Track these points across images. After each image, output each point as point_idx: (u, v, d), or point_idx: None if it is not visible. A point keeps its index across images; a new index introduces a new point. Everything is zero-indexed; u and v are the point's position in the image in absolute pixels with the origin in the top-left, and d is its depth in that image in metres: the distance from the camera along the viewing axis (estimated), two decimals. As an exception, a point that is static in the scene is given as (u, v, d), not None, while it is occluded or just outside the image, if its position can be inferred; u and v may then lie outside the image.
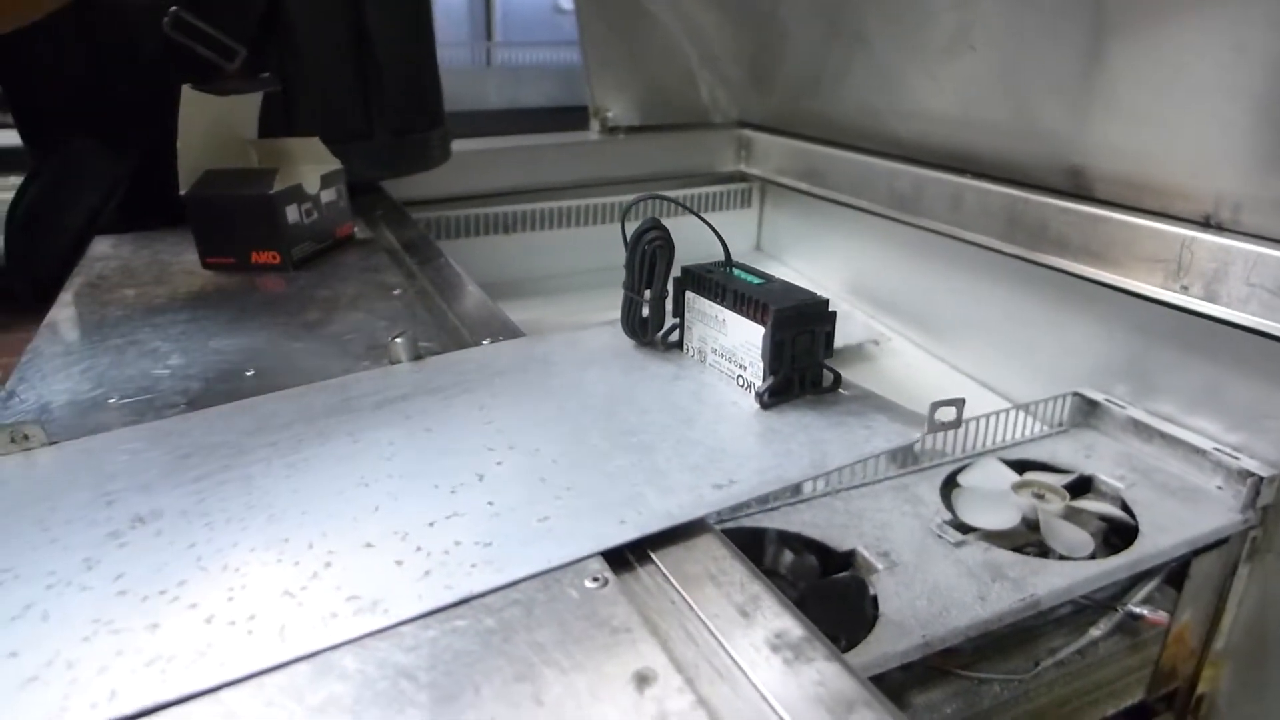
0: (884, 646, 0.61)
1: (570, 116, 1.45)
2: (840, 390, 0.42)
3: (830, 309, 0.41)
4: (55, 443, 0.39)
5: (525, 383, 0.44)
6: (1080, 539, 0.71)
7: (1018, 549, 0.72)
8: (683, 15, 1.34)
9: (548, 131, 1.43)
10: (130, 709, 0.24)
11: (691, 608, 0.28)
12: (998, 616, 0.64)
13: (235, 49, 0.69)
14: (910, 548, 0.71)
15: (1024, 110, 0.93)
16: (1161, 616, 0.71)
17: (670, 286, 0.46)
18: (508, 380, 0.44)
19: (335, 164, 0.70)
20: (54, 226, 0.81)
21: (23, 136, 0.83)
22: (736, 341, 0.42)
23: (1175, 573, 0.75)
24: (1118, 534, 0.75)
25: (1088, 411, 0.90)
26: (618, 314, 0.47)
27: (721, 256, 0.45)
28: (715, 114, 1.47)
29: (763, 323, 0.40)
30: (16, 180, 0.80)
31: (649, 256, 0.44)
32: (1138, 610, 0.71)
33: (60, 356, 0.50)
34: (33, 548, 0.31)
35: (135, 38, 0.72)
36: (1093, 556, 0.69)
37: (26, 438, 0.38)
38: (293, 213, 0.65)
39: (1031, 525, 0.74)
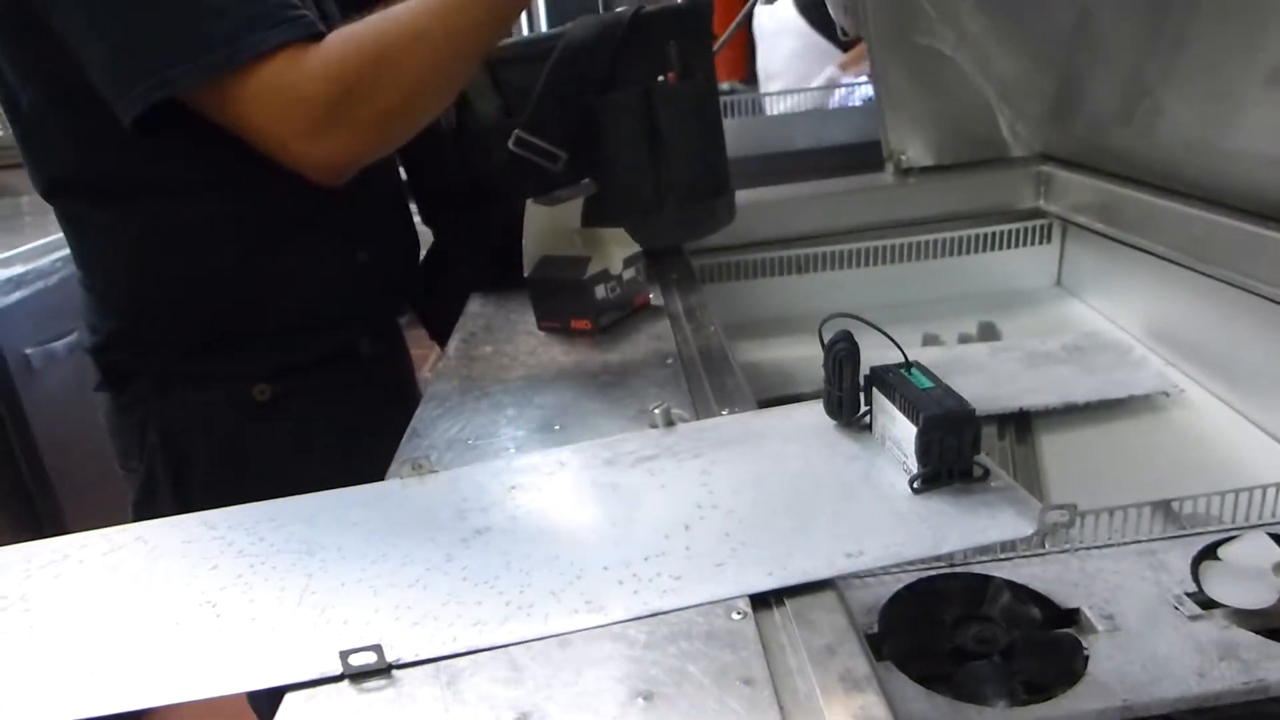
0: (1080, 703, 0.66)
1: (867, 152, 1.53)
2: (990, 482, 0.51)
3: (975, 415, 0.50)
4: (436, 471, 0.61)
5: (741, 452, 0.58)
6: (1340, 630, 0.69)
7: (1274, 633, 0.70)
8: (978, 54, 1.37)
9: (845, 169, 1.53)
10: (462, 649, 0.43)
11: (799, 643, 0.40)
12: (1214, 695, 0.65)
13: (559, 155, 0.92)
14: (1138, 614, 0.73)
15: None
16: None
17: (862, 380, 0.58)
18: (728, 450, 0.59)
19: (635, 248, 0.90)
20: (444, 285, 1.11)
21: (423, 219, 1.14)
22: (902, 434, 0.53)
23: None
24: None
25: (1407, 494, 0.83)
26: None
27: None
28: (1016, 147, 1.47)
29: (916, 423, 0.50)
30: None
31: (839, 362, 0.56)
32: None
33: (442, 406, 0.73)
34: (420, 543, 0.52)
35: (490, 149, 0.97)
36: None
37: (421, 467, 0.61)
38: (600, 290, 0.85)
39: (1294, 611, 0.72)
